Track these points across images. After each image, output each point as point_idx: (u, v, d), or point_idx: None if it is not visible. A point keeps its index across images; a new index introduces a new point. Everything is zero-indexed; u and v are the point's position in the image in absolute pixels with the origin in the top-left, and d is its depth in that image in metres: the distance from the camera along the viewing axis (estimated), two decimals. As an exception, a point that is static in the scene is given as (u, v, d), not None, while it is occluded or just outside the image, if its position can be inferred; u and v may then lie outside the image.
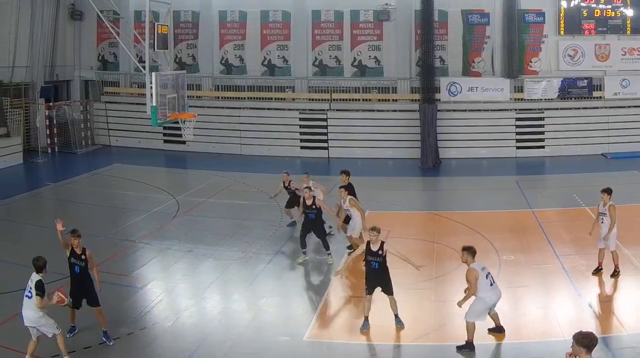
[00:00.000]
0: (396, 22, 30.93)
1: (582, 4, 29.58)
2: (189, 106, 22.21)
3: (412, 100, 30.01)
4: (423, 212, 21.12)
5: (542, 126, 29.70)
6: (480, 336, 11.17)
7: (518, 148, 29.76)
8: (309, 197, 15.83)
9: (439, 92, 29.57)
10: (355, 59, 31.67)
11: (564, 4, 29.66)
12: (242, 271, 15.45)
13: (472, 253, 11.04)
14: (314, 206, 15.78)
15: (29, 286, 10.33)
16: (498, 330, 11.54)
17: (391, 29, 31.17)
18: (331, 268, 15.57)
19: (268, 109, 31.35)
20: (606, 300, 13.35)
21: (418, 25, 29.63)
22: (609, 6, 29.43)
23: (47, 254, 10.72)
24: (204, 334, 12.06)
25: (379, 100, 31.07)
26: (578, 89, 29.65)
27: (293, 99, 31.83)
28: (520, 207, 20.86)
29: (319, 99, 31.14)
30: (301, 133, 30.86)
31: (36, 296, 10.16)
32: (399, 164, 29.02)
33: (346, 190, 16.26)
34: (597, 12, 29.51)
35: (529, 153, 29.56)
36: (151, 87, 19.41)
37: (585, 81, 29.65)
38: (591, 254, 14.97)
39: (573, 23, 29.77)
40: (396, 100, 30.86)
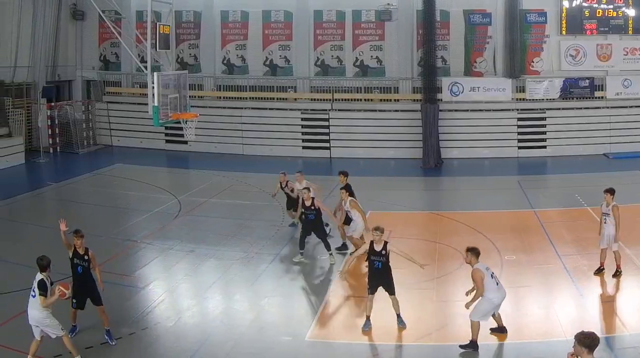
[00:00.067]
0: (398, 22, 30.94)
1: (584, 4, 29.57)
2: (191, 106, 22.21)
3: (414, 100, 30.00)
4: (425, 212, 21.11)
5: (544, 126, 29.69)
6: (482, 336, 11.17)
7: (520, 148, 29.74)
8: (308, 198, 15.79)
9: (441, 92, 29.54)
10: (357, 59, 31.67)
11: (566, 4, 29.65)
12: (244, 271, 15.45)
13: (476, 254, 11.05)
14: (313, 207, 15.75)
15: (34, 285, 10.33)
16: (500, 330, 11.55)
17: (393, 29, 31.17)
18: (333, 268, 15.58)
19: (270, 109, 31.35)
20: (608, 300, 13.35)
21: (420, 25, 29.67)
22: (611, 6, 29.41)
23: (49, 254, 10.72)
24: (206, 334, 12.07)
25: (381, 100, 31.06)
26: (580, 89, 29.64)
27: (295, 99, 31.82)
28: (522, 207, 20.86)
29: (321, 99, 31.13)
30: (303, 133, 30.85)
31: (40, 296, 10.18)
32: (401, 164, 29.01)
33: (347, 191, 16.25)
34: (599, 12, 29.49)
35: (531, 153, 29.55)
36: (153, 87, 19.41)
37: (587, 81, 29.64)
38: (593, 254, 14.97)
39: (575, 23, 29.76)
40: (398, 100, 30.86)
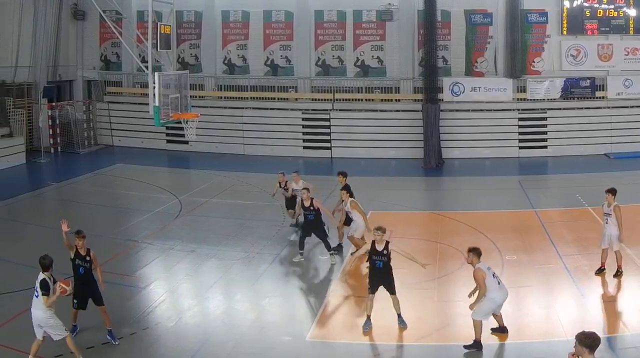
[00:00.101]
0: (399, 22, 30.94)
1: (585, 4, 29.57)
2: (192, 106, 22.22)
3: (415, 100, 30.00)
4: (426, 212, 21.11)
5: (545, 126, 29.68)
6: (483, 336, 11.14)
7: (521, 148, 29.74)
8: (307, 198, 15.78)
9: (442, 92, 29.54)
10: (358, 59, 31.68)
11: (567, 4, 29.65)
12: (245, 271, 15.45)
13: (478, 254, 11.05)
14: (312, 207, 15.73)
15: (36, 285, 10.33)
16: (501, 330, 11.55)
17: (394, 29, 31.18)
18: (333, 268, 15.58)
19: (271, 109, 31.35)
20: (609, 300, 13.34)
21: (421, 25, 29.65)
22: (612, 6, 29.41)
23: (50, 254, 10.68)
24: (207, 334, 12.07)
25: (382, 100, 31.06)
26: (581, 89, 29.63)
27: (296, 99, 31.82)
28: (523, 207, 20.85)
29: (322, 99, 31.13)
30: (304, 133, 30.85)
31: (42, 296, 10.17)
32: (402, 164, 29.01)
33: (347, 192, 16.21)
34: (600, 12, 29.50)
35: (532, 153, 29.55)
36: (154, 87, 19.41)
37: (588, 81, 29.63)
38: (594, 254, 14.97)
39: (576, 23, 29.76)
40: (399, 100, 30.85)
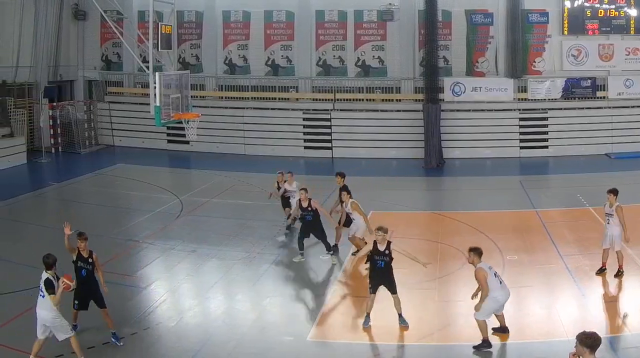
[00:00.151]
0: (400, 22, 30.94)
1: (586, 4, 29.56)
2: (193, 106, 22.19)
3: (416, 100, 30.00)
4: (427, 212, 21.10)
5: (546, 126, 29.68)
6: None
7: (522, 148, 29.73)
8: (305, 199, 15.75)
9: (443, 92, 29.54)
10: (359, 59, 31.69)
11: (568, 4, 29.64)
12: (246, 271, 15.44)
13: (479, 254, 11.05)
14: (310, 208, 15.71)
15: (41, 285, 10.29)
16: (502, 330, 11.54)
17: (395, 29, 31.17)
18: (334, 268, 15.58)
19: (272, 109, 31.36)
20: (610, 300, 13.33)
21: (422, 25, 29.64)
22: (613, 6, 29.40)
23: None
24: (208, 334, 12.07)
25: (383, 100, 31.05)
26: (582, 89, 29.63)
27: (297, 99, 31.83)
28: (523, 207, 20.84)
29: (323, 99, 31.13)
30: (305, 133, 30.85)
31: (50, 296, 10.14)
32: (403, 164, 29.01)
33: (348, 193, 16.14)
34: (601, 12, 29.49)
35: (533, 153, 29.54)
36: (155, 87, 19.39)
37: (588, 81, 29.63)
38: (595, 254, 14.95)
39: (577, 23, 29.75)
40: (400, 100, 30.85)
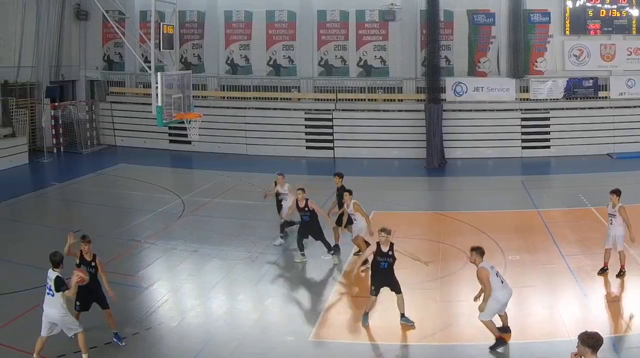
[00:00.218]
0: (402, 22, 30.92)
1: (588, 4, 29.53)
2: (195, 106, 22.25)
3: (418, 100, 29.99)
4: (429, 212, 21.09)
5: (548, 126, 29.64)
6: (485, 336, 11.16)
7: (523, 148, 29.70)
8: (302, 199, 15.73)
9: (445, 92, 29.53)
10: (360, 59, 31.67)
11: (570, 4, 29.61)
12: (248, 271, 15.45)
13: (481, 253, 11.06)
14: (307, 208, 15.69)
15: (48, 283, 10.27)
16: (504, 330, 11.51)
17: (397, 29, 31.15)
18: (335, 268, 15.58)
19: (273, 109, 31.36)
20: (612, 300, 13.32)
21: (424, 25, 29.61)
22: (615, 6, 29.37)
23: (52, 254, 10.71)
24: (210, 334, 12.08)
25: (385, 100, 31.04)
26: (583, 89, 29.58)
27: (299, 99, 31.82)
28: (525, 207, 20.83)
29: (325, 99, 31.12)
30: (307, 133, 30.85)
31: (63, 293, 10.13)
32: (405, 164, 28.99)
33: (349, 194, 16.08)
34: (603, 12, 29.46)
35: (535, 153, 29.51)
36: (157, 87, 19.43)
37: (590, 81, 29.58)
38: (597, 254, 14.95)
39: (578, 23, 29.72)
40: (402, 100, 30.83)
